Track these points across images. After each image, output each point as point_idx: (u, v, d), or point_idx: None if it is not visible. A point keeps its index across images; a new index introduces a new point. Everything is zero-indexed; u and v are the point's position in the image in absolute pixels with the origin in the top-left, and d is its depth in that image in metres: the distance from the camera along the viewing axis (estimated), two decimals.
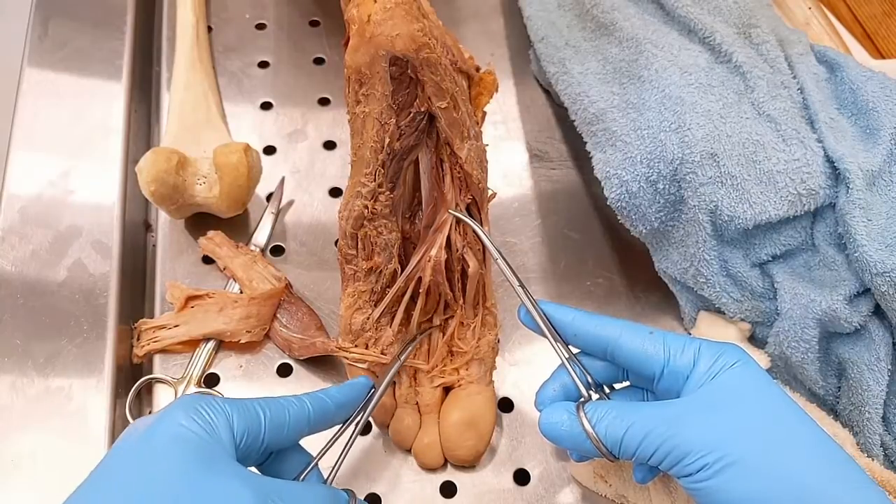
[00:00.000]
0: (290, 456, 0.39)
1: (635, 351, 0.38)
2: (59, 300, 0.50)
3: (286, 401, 0.38)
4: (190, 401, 0.34)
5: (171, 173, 0.51)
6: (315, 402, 0.38)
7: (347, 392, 0.41)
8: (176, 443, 0.32)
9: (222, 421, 0.33)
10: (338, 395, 0.40)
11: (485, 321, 0.49)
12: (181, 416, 0.33)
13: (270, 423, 0.36)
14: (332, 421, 0.40)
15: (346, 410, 0.41)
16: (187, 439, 0.32)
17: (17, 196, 0.54)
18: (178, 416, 0.33)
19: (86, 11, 0.64)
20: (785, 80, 0.52)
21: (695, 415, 0.35)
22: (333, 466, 0.40)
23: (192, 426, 0.32)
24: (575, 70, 0.57)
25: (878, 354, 0.46)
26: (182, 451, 0.31)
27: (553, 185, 0.61)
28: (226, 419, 0.34)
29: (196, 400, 0.34)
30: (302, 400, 0.38)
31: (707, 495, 0.34)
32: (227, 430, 0.33)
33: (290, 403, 0.37)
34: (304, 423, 0.37)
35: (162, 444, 0.32)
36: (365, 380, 0.42)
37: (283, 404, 0.37)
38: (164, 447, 0.31)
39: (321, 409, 0.39)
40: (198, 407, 0.33)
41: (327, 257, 0.56)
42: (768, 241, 0.49)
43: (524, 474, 0.48)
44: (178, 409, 0.33)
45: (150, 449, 0.32)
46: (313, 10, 0.70)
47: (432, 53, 0.40)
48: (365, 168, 0.43)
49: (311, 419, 0.38)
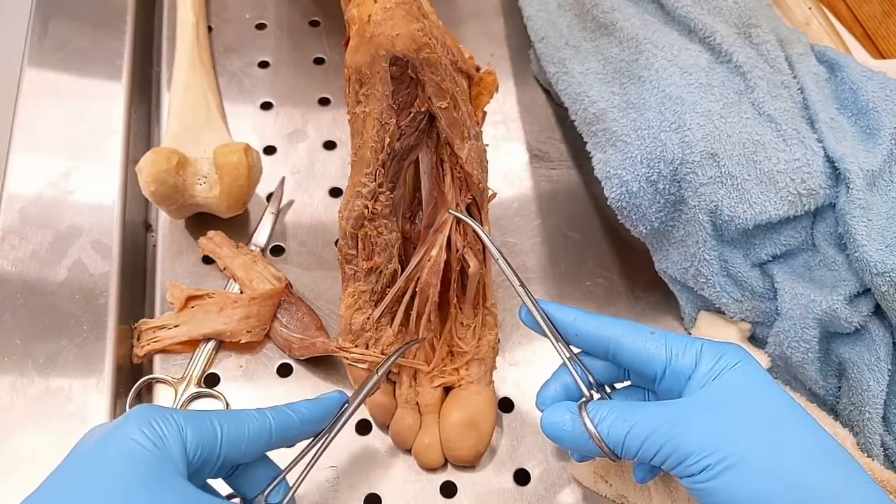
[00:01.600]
0: (258, 469, 0.39)
1: (637, 351, 0.38)
2: (59, 300, 0.50)
3: (246, 415, 0.37)
4: (143, 413, 0.34)
5: (171, 173, 0.51)
6: (278, 417, 0.38)
7: (315, 407, 0.40)
8: (124, 458, 0.32)
9: (174, 435, 0.34)
10: (304, 411, 0.40)
11: (485, 321, 0.49)
12: (133, 430, 0.33)
13: (227, 437, 0.36)
14: (298, 436, 0.40)
15: (314, 426, 0.40)
16: (135, 454, 0.32)
17: (17, 196, 0.54)
18: (129, 430, 0.33)
19: (86, 11, 0.64)
20: (785, 80, 0.52)
21: (697, 415, 0.35)
22: (297, 480, 0.39)
23: (142, 440, 0.33)
24: (575, 70, 0.57)
25: (878, 354, 0.46)
26: (129, 467, 0.32)
27: (553, 185, 0.61)
28: (178, 433, 0.34)
29: (149, 412, 0.34)
30: (264, 414, 0.38)
31: (709, 496, 0.34)
32: (178, 444, 0.34)
33: (250, 418, 0.37)
34: (264, 437, 0.37)
35: (111, 459, 0.32)
36: (338, 394, 0.42)
37: (242, 418, 0.37)
38: (113, 461, 0.32)
39: (284, 424, 0.38)
40: (150, 420, 0.34)
41: (327, 257, 0.56)
42: (768, 241, 0.49)
43: (524, 474, 0.48)
44: (130, 421, 0.33)
45: (98, 462, 0.32)
46: (313, 10, 0.70)
47: (432, 53, 0.40)
48: (365, 168, 0.43)
49: (272, 434, 0.38)
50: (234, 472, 0.38)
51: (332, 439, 0.40)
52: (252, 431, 0.37)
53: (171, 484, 0.32)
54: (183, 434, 0.34)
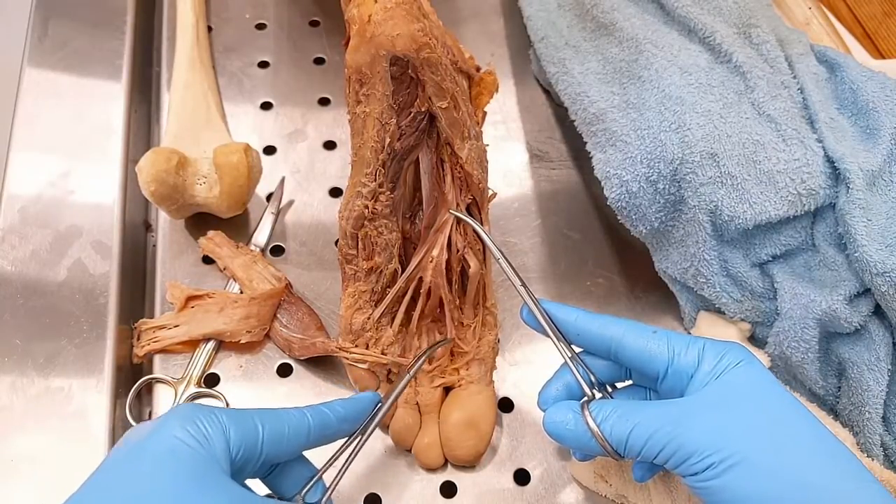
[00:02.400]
0: (294, 468, 0.39)
1: (639, 350, 0.38)
2: (59, 300, 0.50)
3: (286, 413, 0.37)
4: (187, 411, 0.34)
5: (171, 173, 0.50)
6: (316, 416, 0.38)
7: (351, 406, 0.40)
8: (169, 456, 0.32)
9: (218, 433, 0.33)
10: (340, 409, 0.39)
11: (485, 321, 0.49)
12: (176, 428, 0.33)
13: (269, 435, 0.35)
14: (335, 434, 0.39)
15: (350, 424, 0.40)
16: (180, 452, 0.32)
17: (17, 196, 0.54)
18: (173, 428, 0.33)
19: (86, 11, 0.64)
20: (785, 80, 0.52)
21: (700, 414, 0.35)
22: (334, 480, 0.39)
23: (187, 438, 0.32)
24: (575, 70, 0.57)
25: (878, 354, 0.46)
26: (174, 464, 0.31)
27: (553, 185, 0.61)
28: (222, 431, 0.34)
29: (193, 410, 0.34)
30: (302, 412, 0.38)
31: (712, 494, 0.34)
32: (222, 442, 0.33)
33: (289, 416, 0.37)
34: (303, 436, 0.37)
35: (155, 457, 0.32)
36: (372, 394, 0.42)
37: (282, 417, 0.37)
38: (157, 460, 0.32)
39: (322, 422, 0.38)
40: (194, 418, 0.33)
41: (327, 257, 0.56)
42: (768, 241, 0.49)
43: (524, 474, 0.48)
44: (174, 419, 0.33)
45: (142, 461, 0.32)
46: (313, 10, 0.70)
47: (433, 53, 0.40)
48: (365, 168, 0.43)
49: (311, 432, 0.37)
50: (272, 471, 0.38)
51: (366, 439, 0.40)
52: (292, 429, 0.37)
53: (218, 483, 0.32)
54: (227, 432, 0.34)
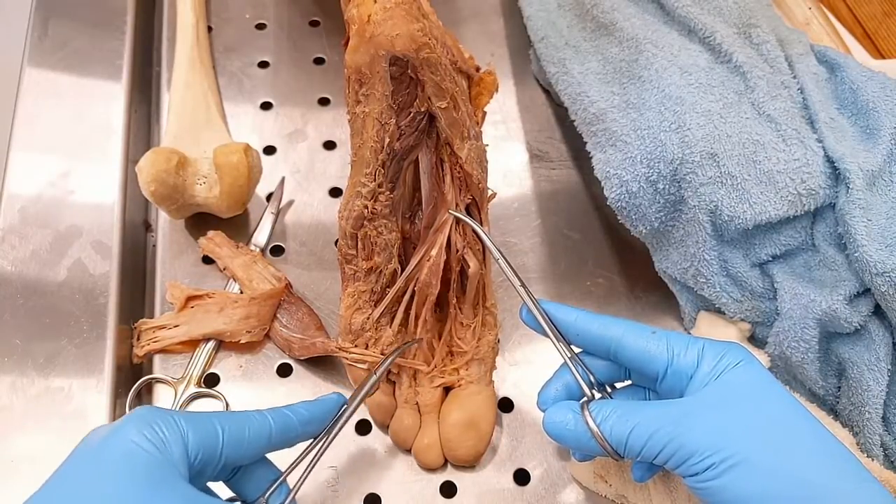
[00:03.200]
0: (258, 471, 0.39)
1: (639, 351, 0.38)
2: (59, 300, 0.50)
3: (247, 416, 0.37)
4: (144, 415, 0.34)
5: (171, 173, 0.51)
6: (278, 418, 0.38)
7: (315, 408, 0.40)
8: (124, 460, 0.32)
9: (175, 437, 0.33)
10: (304, 412, 0.39)
11: (485, 321, 0.49)
12: (133, 432, 0.33)
13: (229, 439, 0.35)
14: (298, 437, 0.39)
15: (315, 426, 0.40)
16: (136, 456, 0.32)
17: (17, 196, 0.54)
18: (130, 432, 0.33)
19: (86, 11, 0.64)
20: (785, 80, 0.52)
21: (700, 414, 0.35)
22: (298, 481, 0.39)
23: (143, 442, 0.32)
24: (575, 70, 0.57)
25: (878, 354, 0.46)
26: (129, 468, 0.32)
27: (553, 185, 0.61)
28: (180, 435, 0.34)
29: (150, 414, 0.34)
30: (264, 415, 0.38)
31: (713, 494, 0.34)
32: (179, 446, 0.33)
33: (250, 419, 0.37)
34: (265, 439, 0.37)
35: (110, 461, 0.32)
36: (336, 396, 0.42)
37: (243, 420, 0.37)
38: (113, 463, 0.32)
39: (284, 425, 0.38)
40: (151, 422, 0.33)
41: (327, 257, 0.56)
42: (768, 241, 0.49)
43: (524, 474, 0.48)
44: (131, 423, 0.33)
45: (98, 464, 0.32)
46: (313, 10, 0.70)
47: (432, 53, 0.40)
48: (365, 168, 0.43)
49: (272, 435, 0.37)
50: (235, 474, 0.38)
51: (331, 441, 0.40)
52: (253, 432, 0.37)
53: (173, 486, 0.32)
54: (184, 436, 0.34)
